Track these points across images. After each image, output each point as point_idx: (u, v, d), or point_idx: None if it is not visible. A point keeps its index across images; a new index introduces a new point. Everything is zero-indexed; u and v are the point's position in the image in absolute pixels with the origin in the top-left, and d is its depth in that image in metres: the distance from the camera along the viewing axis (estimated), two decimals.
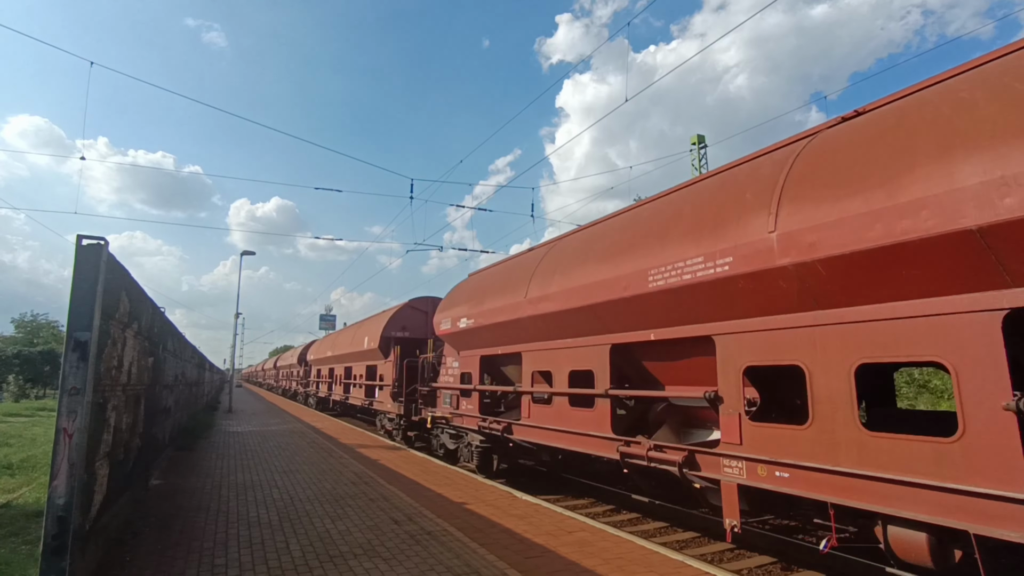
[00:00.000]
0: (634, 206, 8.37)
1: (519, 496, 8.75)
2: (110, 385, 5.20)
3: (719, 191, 6.22)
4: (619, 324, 7.32)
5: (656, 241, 6.64)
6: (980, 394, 3.78)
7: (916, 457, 4.10)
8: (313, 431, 18.82)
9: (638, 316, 6.91)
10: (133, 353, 6.35)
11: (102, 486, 5.14)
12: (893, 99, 4.92)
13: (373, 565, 5.50)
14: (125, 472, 6.44)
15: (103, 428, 5.03)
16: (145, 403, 7.60)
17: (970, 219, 3.68)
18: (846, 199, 4.48)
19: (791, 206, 4.95)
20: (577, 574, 5.26)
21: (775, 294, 5.10)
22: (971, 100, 4.01)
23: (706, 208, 6.17)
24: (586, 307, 7.71)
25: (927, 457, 4.03)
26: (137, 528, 6.68)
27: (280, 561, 5.62)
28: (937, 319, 4.05)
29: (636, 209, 8.12)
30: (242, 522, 7.10)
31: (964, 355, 3.88)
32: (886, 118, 4.71)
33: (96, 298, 4.44)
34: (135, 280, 6.29)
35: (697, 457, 6.10)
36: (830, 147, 5.06)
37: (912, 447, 4.14)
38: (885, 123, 4.66)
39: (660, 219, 6.96)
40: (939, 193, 3.86)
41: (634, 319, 7.00)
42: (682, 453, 6.24)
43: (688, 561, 5.67)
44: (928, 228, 3.89)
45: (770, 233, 5.03)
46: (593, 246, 8.22)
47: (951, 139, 3.95)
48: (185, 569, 5.39)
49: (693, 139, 29.54)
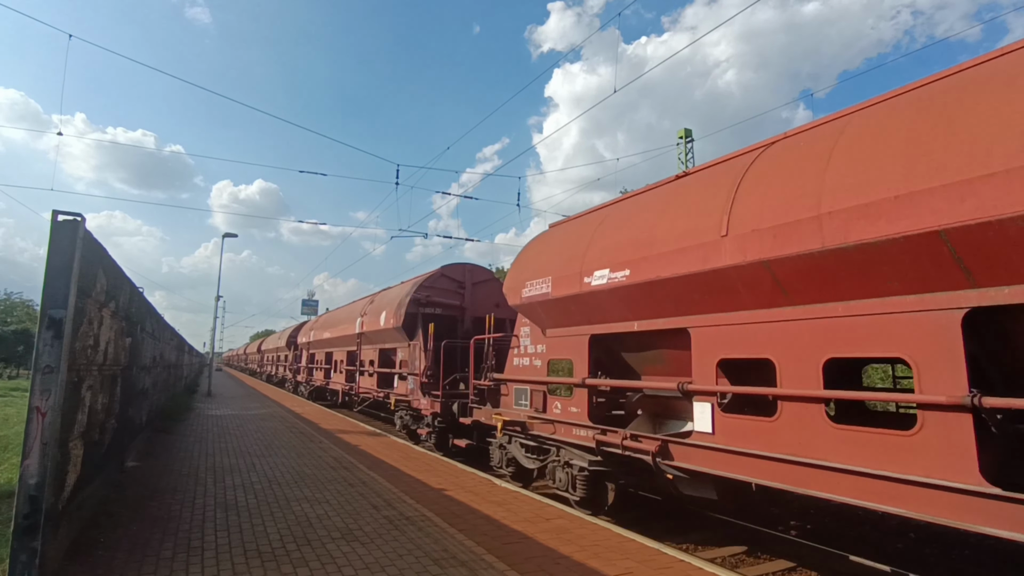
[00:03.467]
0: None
1: (498, 483, 8.80)
2: (85, 364, 5.12)
3: None
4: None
5: None
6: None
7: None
8: (293, 416, 18.73)
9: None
10: (110, 333, 6.25)
11: (76, 466, 5.07)
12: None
13: (351, 548, 5.51)
14: (100, 453, 6.36)
15: (78, 408, 4.96)
16: (122, 384, 7.50)
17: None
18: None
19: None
20: (554, 560, 5.32)
21: None
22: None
23: None
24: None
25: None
26: (112, 509, 6.61)
27: (257, 544, 5.61)
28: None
29: None
30: (219, 504, 7.06)
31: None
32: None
33: (72, 275, 4.36)
34: (113, 259, 6.18)
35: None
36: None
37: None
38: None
39: None
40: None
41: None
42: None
43: (663, 549, 5.76)
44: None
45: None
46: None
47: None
48: (160, 550, 5.36)
49: (680, 133, 29.64)
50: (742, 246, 5.20)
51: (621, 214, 7.54)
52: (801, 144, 5.34)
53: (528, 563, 5.21)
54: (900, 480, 4.06)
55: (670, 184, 7.24)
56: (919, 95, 4.49)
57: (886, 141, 4.32)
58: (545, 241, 9.33)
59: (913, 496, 4.00)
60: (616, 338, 7.31)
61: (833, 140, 4.84)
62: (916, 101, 4.44)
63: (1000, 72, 3.96)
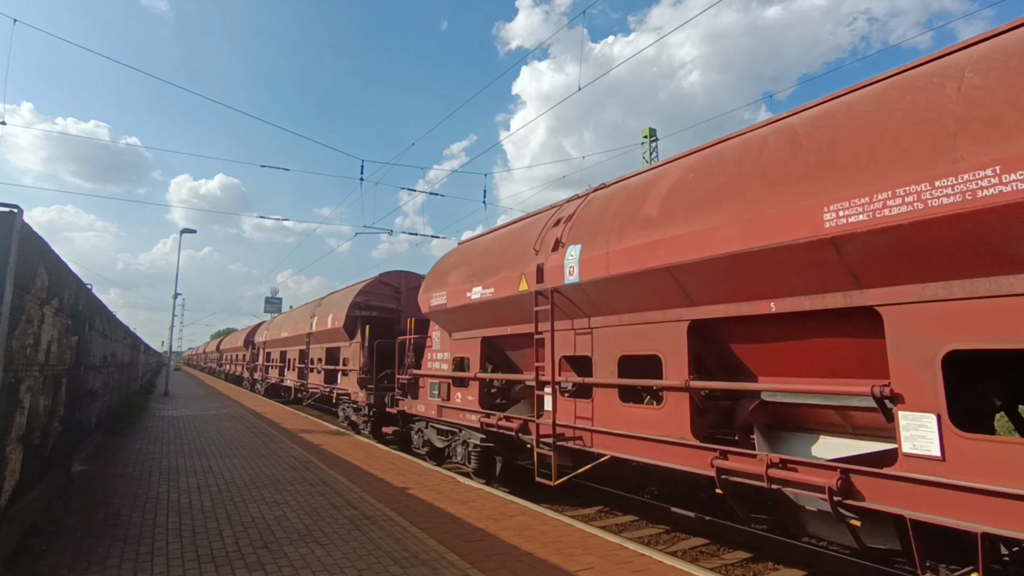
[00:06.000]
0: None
1: (462, 481, 8.75)
2: (24, 364, 4.88)
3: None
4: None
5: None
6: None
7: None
8: (254, 415, 18.28)
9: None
10: (53, 331, 5.98)
11: (14, 471, 4.83)
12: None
13: (309, 551, 5.39)
14: (43, 457, 6.08)
15: (16, 410, 4.72)
16: (68, 384, 7.18)
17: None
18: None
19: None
20: (516, 557, 5.30)
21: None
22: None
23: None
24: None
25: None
26: (56, 515, 6.33)
27: (211, 548, 5.44)
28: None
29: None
30: (172, 508, 6.83)
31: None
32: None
33: (7, 270, 4.14)
34: (56, 253, 5.90)
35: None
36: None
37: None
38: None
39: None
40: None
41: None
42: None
43: (625, 544, 5.80)
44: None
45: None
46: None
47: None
48: (106, 557, 5.14)
49: (645, 132, 29.98)
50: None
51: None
52: (598, 199, 7.24)
53: (490, 561, 5.18)
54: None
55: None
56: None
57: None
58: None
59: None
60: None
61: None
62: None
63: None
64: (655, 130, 29.84)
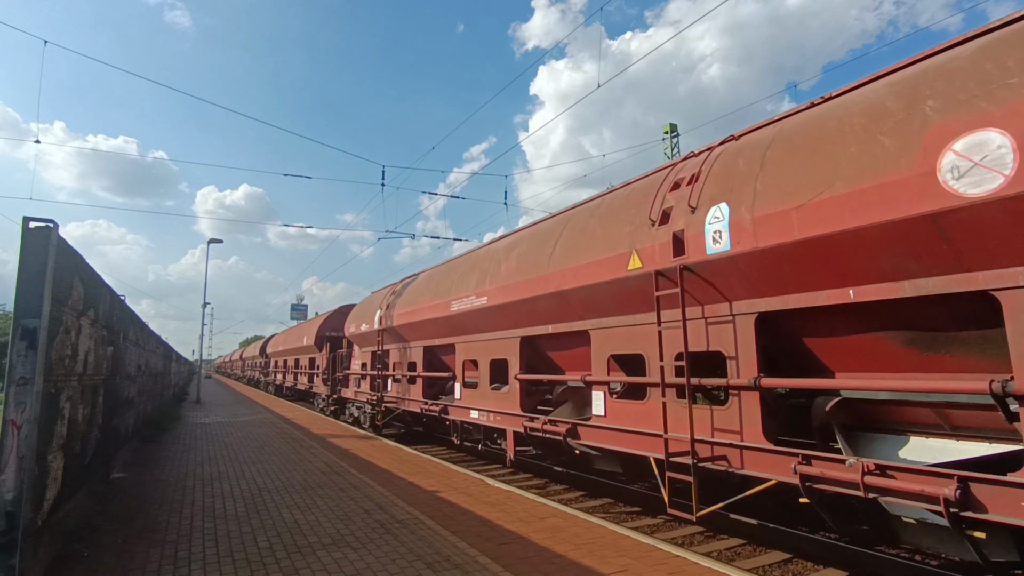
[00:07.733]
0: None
1: (491, 483, 8.73)
2: (64, 375, 4.99)
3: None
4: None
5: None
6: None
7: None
8: (283, 421, 18.54)
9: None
10: (89, 342, 6.11)
11: (56, 480, 4.95)
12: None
13: (342, 555, 5.42)
14: (83, 465, 6.22)
15: (56, 419, 4.83)
16: (105, 394, 7.35)
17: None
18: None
19: None
20: (548, 560, 5.26)
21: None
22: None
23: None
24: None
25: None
26: (96, 523, 6.47)
27: (246, 553, 5.50)
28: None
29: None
30: (207, 514, 6.94)
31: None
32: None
33: (45, 284, 4.24)
34: (90, 266, 6.04)
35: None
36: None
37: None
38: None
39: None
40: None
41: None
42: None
43: (659, 545, 5.71)
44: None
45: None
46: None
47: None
48: (146, 563, 5.23)
49: (666, 128, 29.67)
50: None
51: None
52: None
53: (522, 564, 5.14)
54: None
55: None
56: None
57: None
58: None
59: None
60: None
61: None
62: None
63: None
64: (676, 126, 29.52)
